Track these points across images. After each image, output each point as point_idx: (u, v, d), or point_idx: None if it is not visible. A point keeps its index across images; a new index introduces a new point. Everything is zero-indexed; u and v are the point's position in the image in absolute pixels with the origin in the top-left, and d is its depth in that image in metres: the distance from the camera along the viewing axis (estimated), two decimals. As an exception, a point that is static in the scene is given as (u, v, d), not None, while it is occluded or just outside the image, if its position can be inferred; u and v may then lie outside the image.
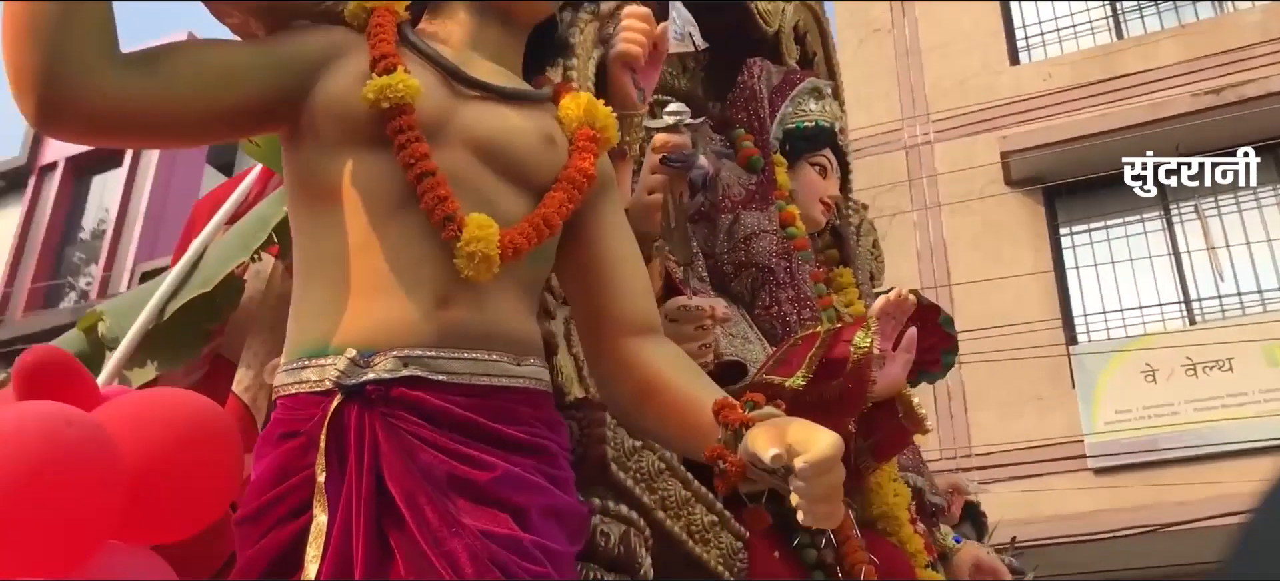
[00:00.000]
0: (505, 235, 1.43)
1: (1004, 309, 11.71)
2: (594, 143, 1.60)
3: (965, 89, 13.23)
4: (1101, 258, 11.84)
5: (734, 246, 2.41)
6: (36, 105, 1.32)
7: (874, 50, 14.28)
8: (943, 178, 13.19)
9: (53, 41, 1.29)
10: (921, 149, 13.40)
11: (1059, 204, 12.29)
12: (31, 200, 13.38)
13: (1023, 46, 13.23)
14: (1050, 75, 12.67)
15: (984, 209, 12.67)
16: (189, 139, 1.51)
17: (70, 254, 13.75)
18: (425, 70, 1.52)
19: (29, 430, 1.43)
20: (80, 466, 1.43)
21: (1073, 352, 11.20)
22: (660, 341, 1.61)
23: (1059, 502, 10.66)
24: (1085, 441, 10.76)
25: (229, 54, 1.48)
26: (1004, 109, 12.78)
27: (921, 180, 13.48)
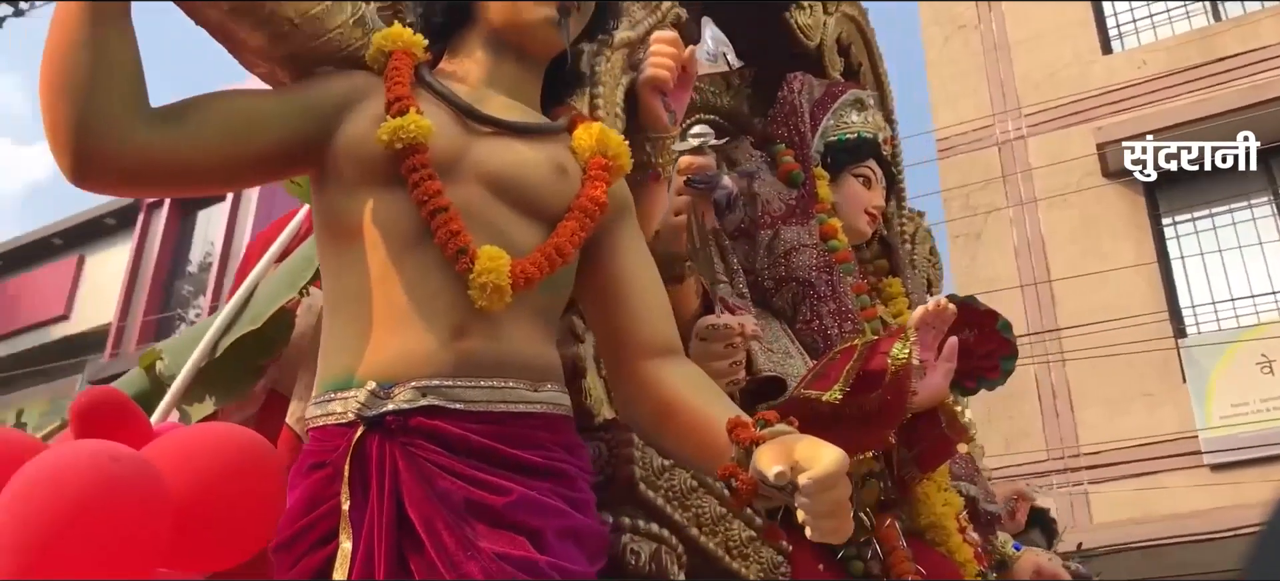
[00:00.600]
0: (517, 266, 1.47)
1: (1106, 304, 11.46)
2: (606, 171, 1.64)
3: (1056, 81, 12.97)
4: (1207, 246, 11.49)
5: (774, 262, 2.43)
6: (71, 160, 1.40)
7: (960, 47, 14.09)
8: (1037, 172, 12.96)
9: (84, 99, 1.38)
10: (1014, 144, 13.17)
11: (1160, 194, 11.95)
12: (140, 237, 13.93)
13: (1115, 35, 12.92)
14: (1145, 62, 12.36)
15: (1081, 202, 12.41)
16: (218, 186, 1.59)
17: (179, 287, 14.30)
18: (439, 109, 1.57)
19: (77, 466, 1.52)
20: (126, 500, 1.52)
21: (1182, 346, 10.85)
22: (679, 362, 1.64)
23: (1175, 501, 10.39)
24: (1200, 437, 10.45)
25: (254, 102, 1.55)
26: (1098, 99, 12.50)
27: (1015, 176, 13.26)
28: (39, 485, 1.50)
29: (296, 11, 1.57)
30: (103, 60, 1.39)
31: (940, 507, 2.30)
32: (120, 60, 1.41)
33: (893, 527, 2.15)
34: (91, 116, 1.38)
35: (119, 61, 1.41)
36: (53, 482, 1.50)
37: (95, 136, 1.39)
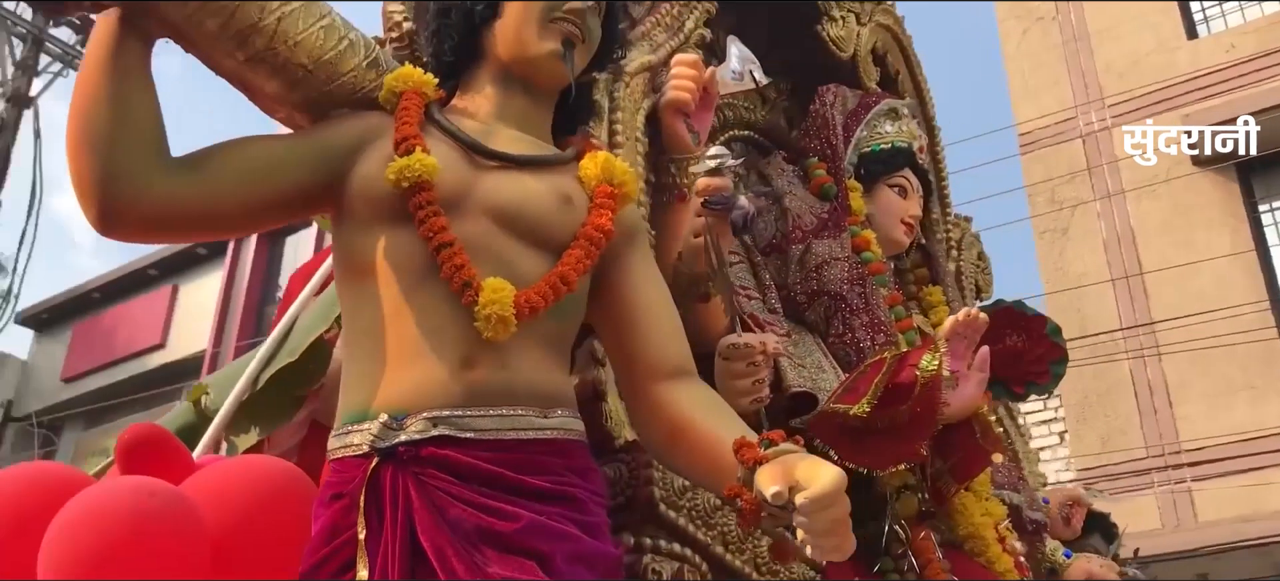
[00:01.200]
0: (521, 296, 1.51)
1: (1202, 295, 11.19)
2: (612, 199, 1.67)
3: (1140, 69, 12.69)
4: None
5: (806, 276, 2.43)
6: (96, 211, 1.48)
7: (1039, 39, 13.86)
8: (1124, 163, 12.68)
9: (106, 153, 1.46)
10: (1098, 135, 12.90)
11: (1255, 179, 11.63)
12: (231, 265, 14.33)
13: (1200, 19, 12.60)
14: (1233, 46, 12.02)
15: (1171, 192, 12.13)
16: (239, 229, 1.66)
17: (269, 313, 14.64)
18: (447, 146, 1.62)
19: (116, 502, 1.60)
20: (162, 534, 1.59)
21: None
22: (690, 383, 1.67)
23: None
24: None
25: (271, 147, 1.62)
26: (1184, 86, 12.20)
27: (1101, 168, 13.00)
28: (80, 520, 1.58)
29: (309, 58, 1.63)
30: (123, 115, 1.47)
31: (979, 518, 2.28)
32: (140, 114, 1.49)
33: (928, 539, 2.15)
34: (113, 169, 1.46)
35: (139, 115, 1.49)
36: (92, 518, 1.58)
37: (117, 188, 1.46)
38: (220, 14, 1.54)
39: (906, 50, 3.11)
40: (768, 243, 2.48)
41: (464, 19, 1.76)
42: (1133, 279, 12.29)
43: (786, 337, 2.29)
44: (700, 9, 2.38)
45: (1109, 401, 12.29)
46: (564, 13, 1.73)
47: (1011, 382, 2.88)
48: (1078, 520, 3.00)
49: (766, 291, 2.39)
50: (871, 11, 2.98)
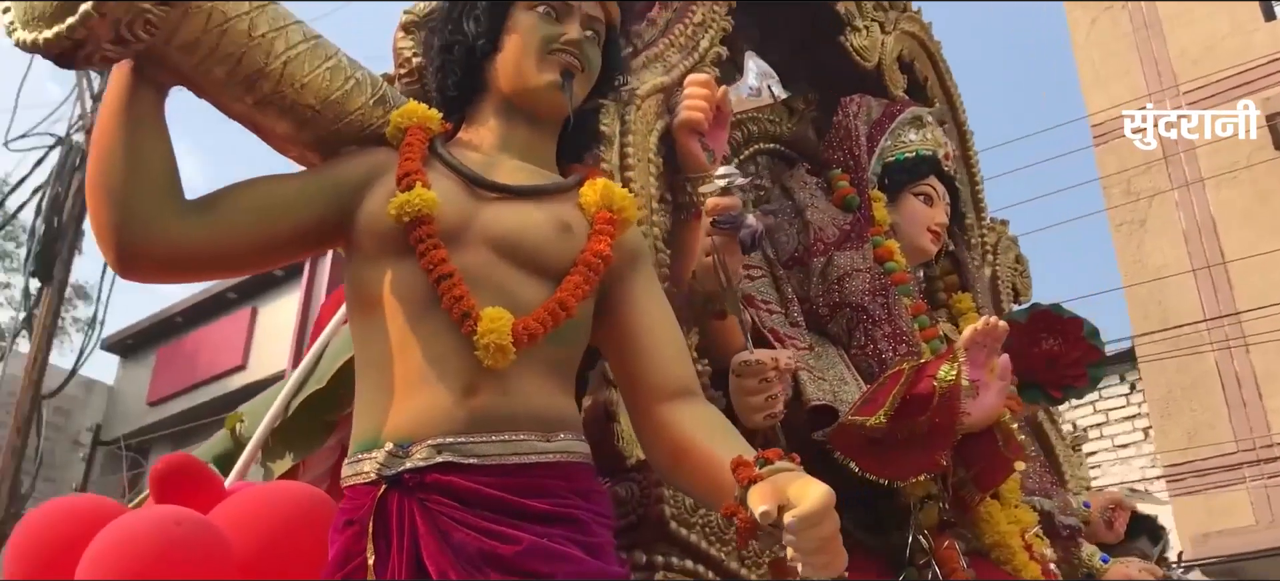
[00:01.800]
0: (519, 324, 1.55)
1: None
2: (612, 224, 1.70)
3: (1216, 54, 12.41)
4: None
5: (828, 288, 2.44)
6: (114, 256, 1.56)
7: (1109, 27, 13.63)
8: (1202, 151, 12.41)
9: (121, 200, 1.53)
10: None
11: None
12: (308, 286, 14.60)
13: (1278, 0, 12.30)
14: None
15: (1253, 178, 11.85)
16: (253, 267, 1.73)
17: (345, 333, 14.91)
18: (448, 179, 1.67)
19: (144, 531, 1.67)
20: (189, 560, 1.67)
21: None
22: (693, 403, 1.69)
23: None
24: None
25: (281, 187, 1.68)
26: (1263, 69, 11.91)
27: (1178, 156, 12.73)
28: (110, 549, 1.66)
29: (316, 98, 1.69)
30: (136, 162, 1.54)
31: (1005, 526, 2.27)
32: (153, 161, 1.56)
33: (952, 548, 2.14)
34: (129, 216, 1.53)
35: (152, 162, 1.55)
36: (122, 546, 1.66)
37: (133, 232, 1.53)
38: (227, 61, 1.61)
39: (934, 56, 3.10)
40: (790, 255, 2.50)
41: (466, 54, 1.81)
42: (1215, 268, 12.04)
43: (808, 351, 2.30)
44: (716, 27, 2.40)
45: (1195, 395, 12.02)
46: (562, 44, 1.77)
47: (1049, 386, 2.86)
48: (1120, 523, 2.95)
49: (789, 305, 2.40)
50: (896, 19, 2.98)
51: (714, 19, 2.41)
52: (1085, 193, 31.04)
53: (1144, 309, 12.65)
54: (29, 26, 1.49)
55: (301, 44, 1.68)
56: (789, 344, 2.25)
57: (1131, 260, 13.09)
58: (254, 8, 1.63)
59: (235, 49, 1.61)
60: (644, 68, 2.23)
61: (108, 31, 1.46)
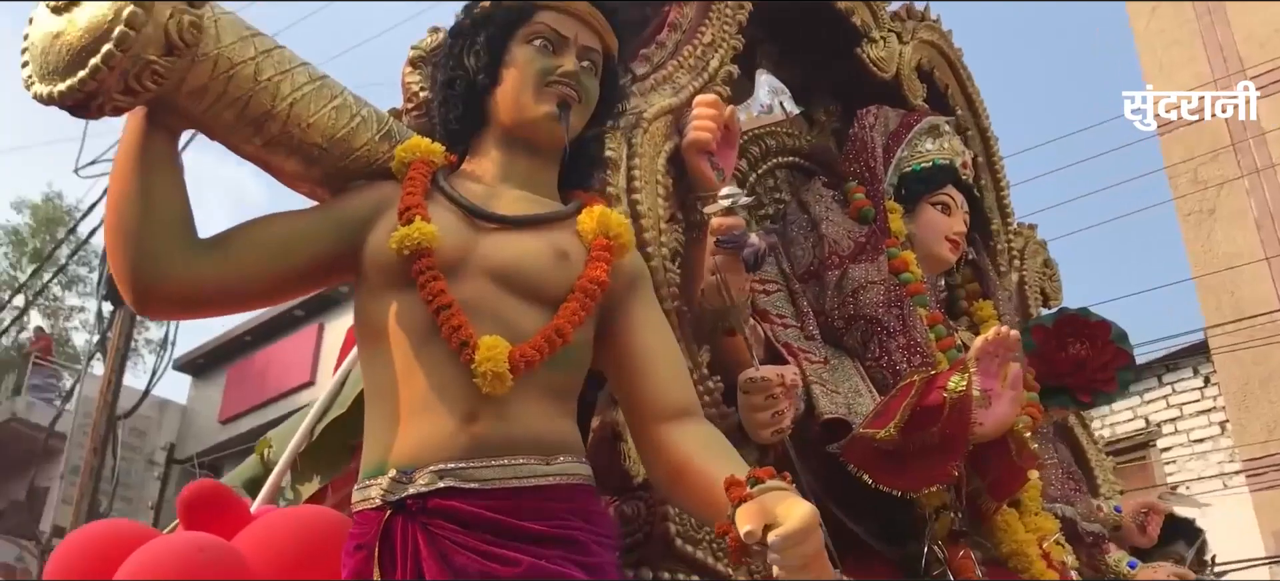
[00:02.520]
0: (516, 351, 1.60)
1: (1369, 269, 10.67)
2: (608, 251, 1.74)
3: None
4: None
5: (843, 301, 2.45)
6: (132, 296, 1.63)
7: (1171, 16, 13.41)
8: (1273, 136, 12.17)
9: (137, 243, 1.60)
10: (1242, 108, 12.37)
11: None
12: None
13: (1349, -22, 12.02)
14: (1386, 4, 11.46)
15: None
16: (266, 302, 1.79)
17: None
18: (449, 212, 1.72)
19: (166, 557, 1.75)
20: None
21: None
22: (691, 423, 1.72)
23: None
24: None
25: (291, 224, 1.75)
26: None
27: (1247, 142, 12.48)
28: (137, 574, 1.74)
29: (323, 137, 1.75)
30: (151, 206, 1.61)
31: (1022, 534, 2.27)
32: (166, 203, 1.63)
33: (967, 558, 2.15)
34: (144, 256, 1.60)
35: (165, 204, 1.62)
36: (148, 571, 1.73)
37: (148, 272, 1.61)
38: (235, 105, 1.67)
39: (954, 64, 3.10)
40: (805, 269, 2.52)
41: (467, 88, 1.86)
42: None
43: (823, 364, 2.32)
44: (726, 46, 2.44)
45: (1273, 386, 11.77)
46: (558, 76, 1.81)
47: (1077, 391, 2.85)
48: (1154, 527, 2.92)
49: (804, 318, 2.43)
50: (914, 29, 2.99)
51: (724, 38, 2.44)
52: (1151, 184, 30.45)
53: (1216, 299, 12.43)
54: (44, 80, 1.57)
55: (307, 85, 1.74)
56: (802, 358, 2.27)
57: (1201, 250, 12.88)
58: (260, 53, 1.69)
59: (242, 93, 1.67)
60: (653, 90, 2.27)
61: (117, 83, 1.54)
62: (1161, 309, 32.70)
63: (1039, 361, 2.87)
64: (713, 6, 2.45)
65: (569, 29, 1.84)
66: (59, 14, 1.56)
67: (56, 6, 1.57)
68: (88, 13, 1.54)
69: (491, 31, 1.84)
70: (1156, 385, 12.91)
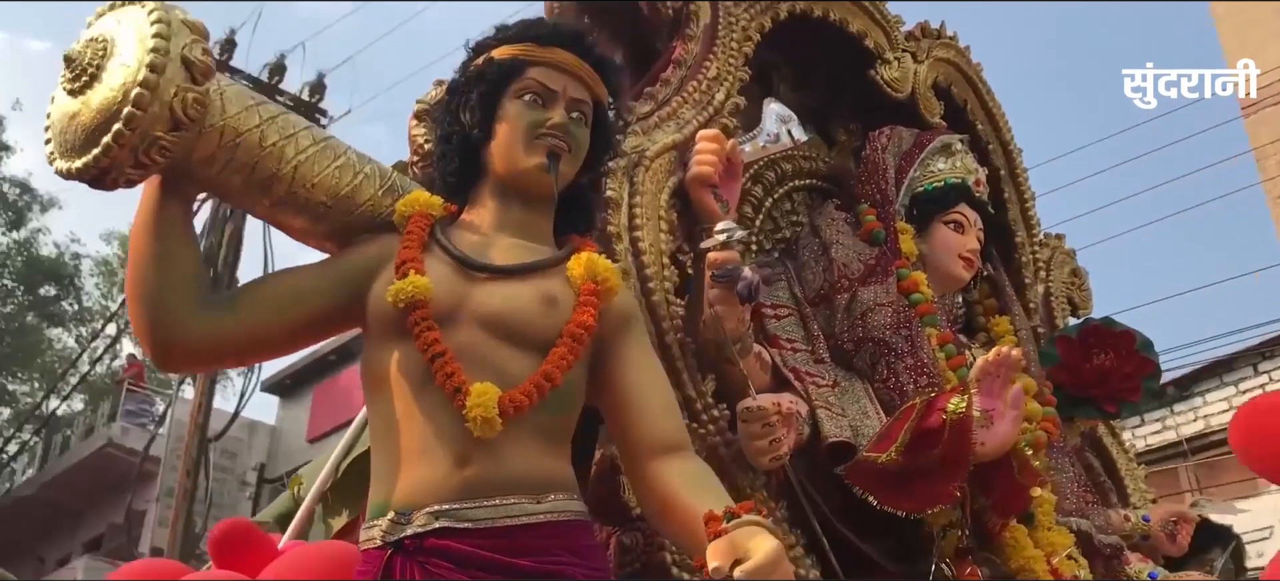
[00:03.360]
0: (505, 397, 1.69)
1: None
2: (596, 295, 1.82)
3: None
4: None
5: (852, 324, 2.49)
6: (151, 352, 1.77)
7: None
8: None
9: (154, 304, 1.73)
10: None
11: None
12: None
13: None
14: None
15: None
16: (280, 353, 1.92)
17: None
18: (444, 263, 1.82)
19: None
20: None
21: None
22: (679, 458, 1.80)
23: None
24: None
25: (298, 279, 1.87)
26: None
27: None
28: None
29: (328, 195, 1.87)
30: (166, 268, 1.74)
31: (1029, 551, 2.29)
32: (181, 265, 1.75)
33: (975, 574, 2.19)
34: (161, 315, 1.73)
35: (180, 267, 1.75)
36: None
37: (166, 332, 1.74)
38: (243, 170, 1.79)
39: (972, 79, 3.12)
40: (816, 293, 2.57)
41: (464, 142, 1.96)
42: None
43: (831, 387, 2.37)
44: (732, 79, 2.50)
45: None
46: (547, 129, 1.90)
47: (1102, 401, 2.86)
48: (1184, 536, 2.90)
49: (815, 341, 2.48)
50: (929, 48, 3.02)
51: (729, 71, 2.50)
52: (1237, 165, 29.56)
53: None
54: (63, 156, 1.70)
55: (311, 147, 1.86)
56: (809, 382, 2.33)
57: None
58: (264, 121, 1.81)
59: (249, 159, 1.79)
60: (657, 127, 2.35)
61: (128, 158, 1.66)
62: (1254, 296, 31.70)
63: (1064, 372, 2.88)
64: (718, 41, 2.51)
65: (557, 83, 1.93)
66: (74, 95, 1.69)
67: (72, 89, 1.70)
68: (99, 94, 1.66)
69: (484, 88, 1.93)
70: (1252, 374, 12.57)
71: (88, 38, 1.72)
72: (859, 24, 2.87)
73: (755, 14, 2.65)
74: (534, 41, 1.95)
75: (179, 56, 1.66)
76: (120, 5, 1.74)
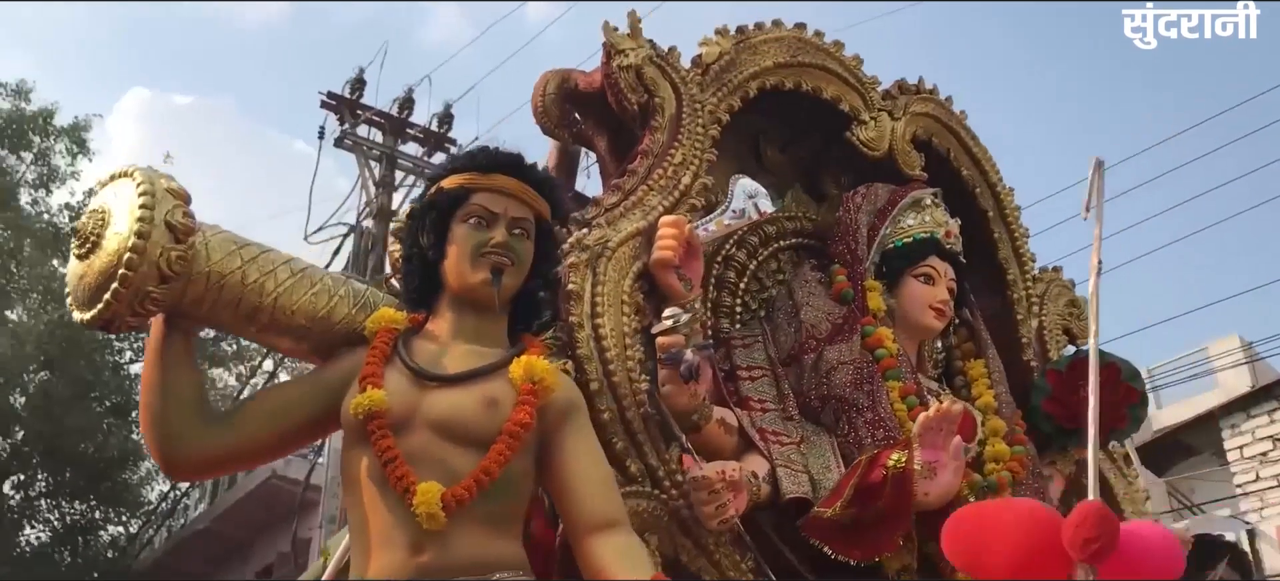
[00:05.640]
0: (448, 493, 1.95)
1: None
2: (533, 394, 2.07)
3: None
4: None
5: (818, 382, 2.67)
6: (161, 463, 2.12)
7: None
8: None
9: (161, 425, 2.06)
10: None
11: None
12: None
13: None
14: None
15: None
16: (272, 457, 2.23)
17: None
18: (402, 374, 2.09)
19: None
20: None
21: None
22: (614, 534, 2.04)
23: None
24: None
25: (287, 393, 2.18)
26: None
27: None
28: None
29: (307, 318, 2.17)
30: (171, 394, 2.06)
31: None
32: (184, 391, 2.08)
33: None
34: (167, 433, 2.06)
35: (184, 392, 2.07)
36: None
37: (172, 447, 2.06)
38: (230, 307, 2.11)
39: (954, 129, 3.22)
40: (787, 353, 2.76)
41: (422, 261, 2.23)
42: None
43: (796, 446, 2.57)
44: (698, 162, 2.70)
45: None
46: (490, 248, 2.15)
47: (1093, 430, 2.96)
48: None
49: (785, 400, 2.67)
50: (907, 104, 3.15)
51: (695, 156, 2.70)
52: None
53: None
54: (77, 308, 2.05)
55: (288, 279, 2.16)
56: (773, 442, 2.53)
57: None
58: (245, 262, 2.12)
59: (234, 297, 2.10)
60: (623, 217, 2.57)
61: (126, 309, 1.99)
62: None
63: (1055, 403, 3.00)
64: (683, 128, 2.71)
65: (499, 206, 2.18)
66: (81, 260, 2.03)
67: (80, 255, 2.04)
68: (100, 259, 2.00)
69: (435, 215, 2.21)
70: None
71: (90, 210, 2.06)
72: (833, 90, 3.04)
73: (724, 95, 2.85)
74: (477, 170, 2.21)
75: (163, 222, 1.98)
76: (117, 179, 2.07)
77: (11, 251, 16.43)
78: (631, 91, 2.70)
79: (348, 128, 15.05)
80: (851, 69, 3.10)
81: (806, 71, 3.01)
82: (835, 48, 3.09)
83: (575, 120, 2.88)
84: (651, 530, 2.30)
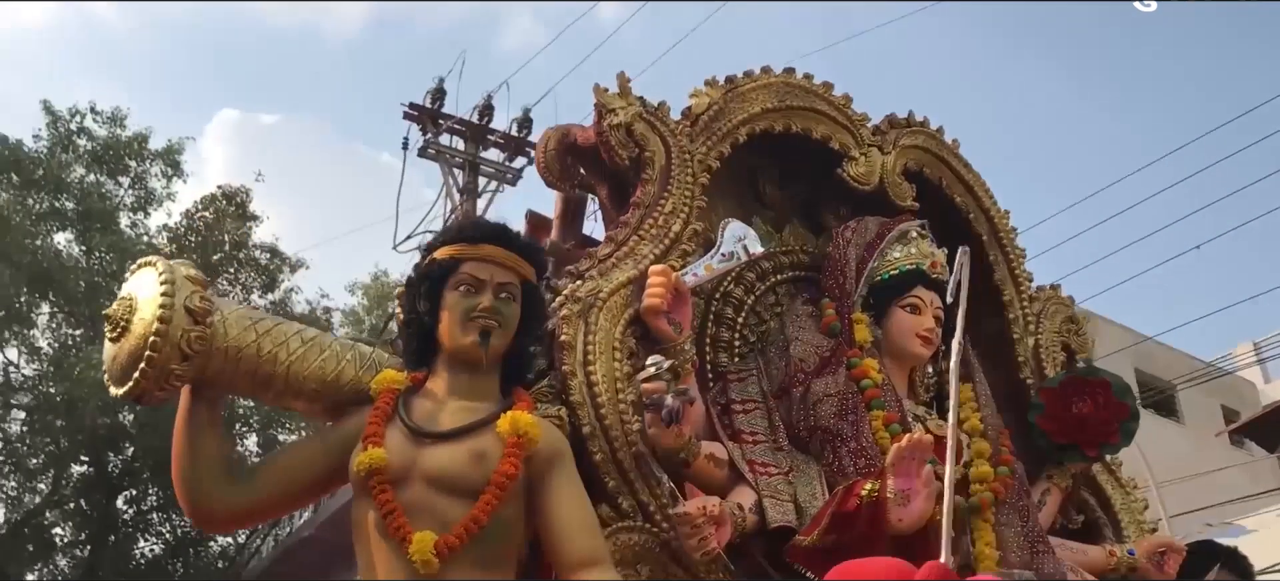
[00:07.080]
0: (440, 542, 2.16)
1: None
2: (518, 447, 2.27)
3: None
4: None
5: (806, 413, 2.83)
6: (191, 518, 2.37)
7: None
8: None
9: (191, 482, 2.32)
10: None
11: None
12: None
13: None
14: None
15: None
16: (290, 509, 2.50)
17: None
18: (401, 432, 2.31)
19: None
20: None
21: None
22: (595, 570, 2.25)
23: None
24: None
25: (303, 452, 2.44)
26: None
27: None
28: None
29: (318, 382, 2.41)
30: (198, 458, 2.32)
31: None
32: (210, 453, 2.33)
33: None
34: (196, 492, 2.32)
35: (209, 454, 2.33)
36: None
37: (200, 505, 2.33)
38: (248, 377, 2.36)
39: (945, 159, 3.33)
40: (778, 386, 2.92)
41: (419, 325, 2.45)
42: None
43: (783, 476, 2.73)
44: (688, 209, 2.88)
45: None
46: (478, 313, 2.37)
47: (1084, 446, 3.09)
48: (1171, 566, 3.02)
49: (776, 432, 2.83)
50: (896, 138, 3.27)
51: (685, 204, 2.88)
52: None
53: None
54: (112, 384, 2.32)
55: (300, 349, 2.40)
56: (761, 473, 2.69)
57: None
58: (260, 335, 2.37)
59: (251, 368, 2.35)
60: (615, 267, 2.75)
61: (154, 386, 2.25)
62: None
63: (1049, 420, 3.12)
64: (673, 178, 2.89)
65: (485, 273, 2.40)
66: (113, 343, 2.30)
67: (113, 338, 2.30)
68: (129, 343, 2.26)
69: (429, 284, 2.43)
70: None
71: (119, 297, 2.32)
72: (823, 129, 3.18)
73: (714, 143, 3.02)
74: (466, 242, 2.44)
75: (182, 307, 2.24)
76: (142, 267, 2.33)
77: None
78: (622, 147, 2.88)
79: (430, 137, 15.47)
80: (840, 108, 3.24)
81: (795, 114, 3.16)
82: (824, 89, 3.23)
83: (578, 172, 3.08)
84: (644, 561, 2.49)
